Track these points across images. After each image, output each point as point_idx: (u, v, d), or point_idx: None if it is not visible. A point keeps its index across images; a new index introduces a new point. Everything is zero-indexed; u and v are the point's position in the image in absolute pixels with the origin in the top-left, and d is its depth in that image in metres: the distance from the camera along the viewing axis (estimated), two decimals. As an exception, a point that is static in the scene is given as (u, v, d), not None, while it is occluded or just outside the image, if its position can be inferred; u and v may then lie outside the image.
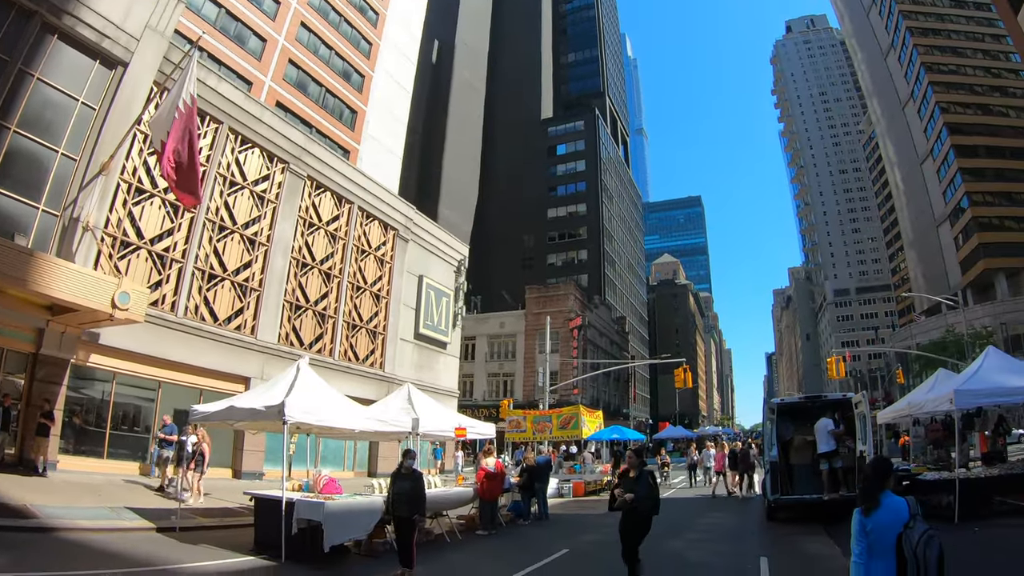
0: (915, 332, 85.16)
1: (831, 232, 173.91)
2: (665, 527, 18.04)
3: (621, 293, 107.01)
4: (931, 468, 19.16)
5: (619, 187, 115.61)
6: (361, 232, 33.38)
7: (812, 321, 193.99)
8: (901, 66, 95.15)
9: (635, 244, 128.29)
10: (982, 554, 12.42)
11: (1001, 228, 78.03)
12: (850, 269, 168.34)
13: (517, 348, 70.90)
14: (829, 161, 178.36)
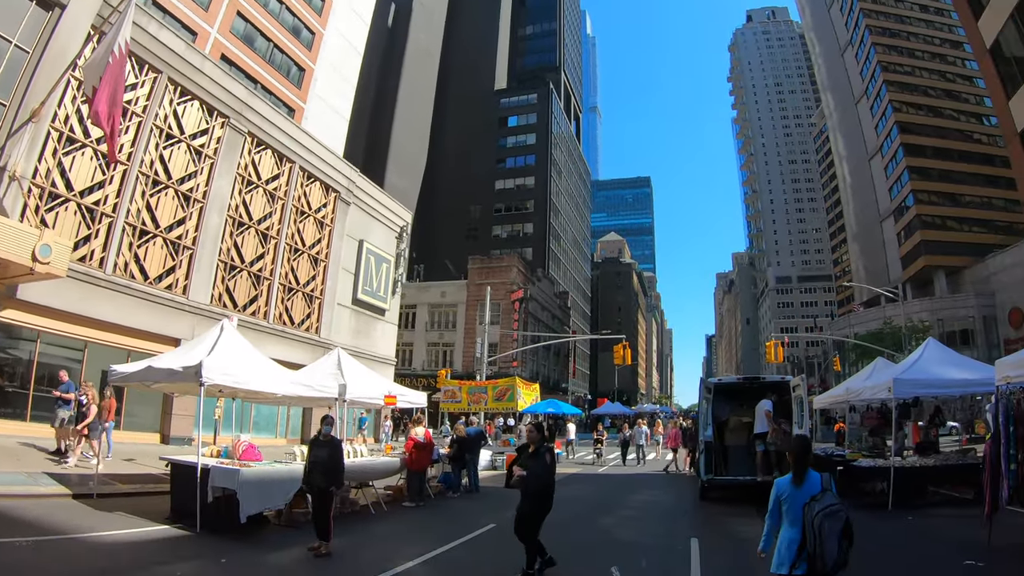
0: (853, 322, 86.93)
1: (776, 220, 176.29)
2: (596, 504, 17.95)
3: (565, 268, 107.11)
4: (866, 455, 19.22)
5: (569, 163, 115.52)
6: (301, 193, 32.52)
7: (753, 306, 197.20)
8: (858, 63, 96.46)
9: (582, 220, 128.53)
10: (916, 543, 12.53)
11: (943, 227, 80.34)
12: (793, 258, 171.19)
13: (458, 318, 70.52)
14: (779, 151, 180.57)
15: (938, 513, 15.66)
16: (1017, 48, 30.29)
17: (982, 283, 73.56)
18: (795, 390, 18.93)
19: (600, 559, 10.76)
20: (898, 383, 16.53)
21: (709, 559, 10.85)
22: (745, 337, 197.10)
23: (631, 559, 10.90)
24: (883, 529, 13.82)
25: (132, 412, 24.11)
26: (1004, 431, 10.90)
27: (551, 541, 11.87)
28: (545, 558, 9.67)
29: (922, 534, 13.29)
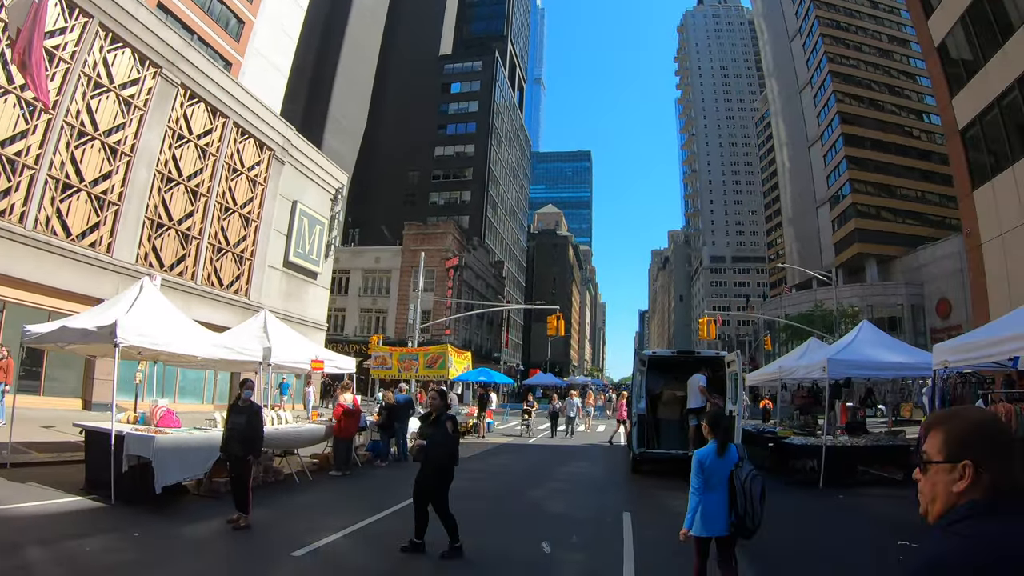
0: (785, 303, 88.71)
1: (714, 201, 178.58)
2: (527, 476, 17.83)
3: (501, 238, 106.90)
4: (797, 433, 19.42)
5: (510, 133, 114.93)
6: (235, 150, 31.54)
7: (687, 284, 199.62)
8: (805, 52, 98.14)
9: (520, 191, 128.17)
10: (851, 522, 12.62)
11: (877, 217, 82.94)
12: (728, 238, 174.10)
13: (392, 284, 69.84)
14: (720, 133, 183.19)
15: (868, 492, 15.89)
16: (963, 49, 31.58)
17: (912, 273, 75.89)
18: (730, 366, 18.77)
19: (530, 533, 10.53)
20: (832, 363, 16.77)
21: (642, 533, 10.72)
22: (678, 313, 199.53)
23: (562, 533, 10.70)
24: (816, 507, 14.02)
25: (53, 376, 23.35)
26: None
27: (480, 513, 11.67)
28: (455, 545, 9.27)
29: (855, 513, 13.43)
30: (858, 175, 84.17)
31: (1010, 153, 29.52)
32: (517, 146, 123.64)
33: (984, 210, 31.87)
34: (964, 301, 60.78)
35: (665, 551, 9.32)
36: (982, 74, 30.41)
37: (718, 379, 18.95)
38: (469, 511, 11.95)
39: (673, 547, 8.39)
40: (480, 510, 12.44)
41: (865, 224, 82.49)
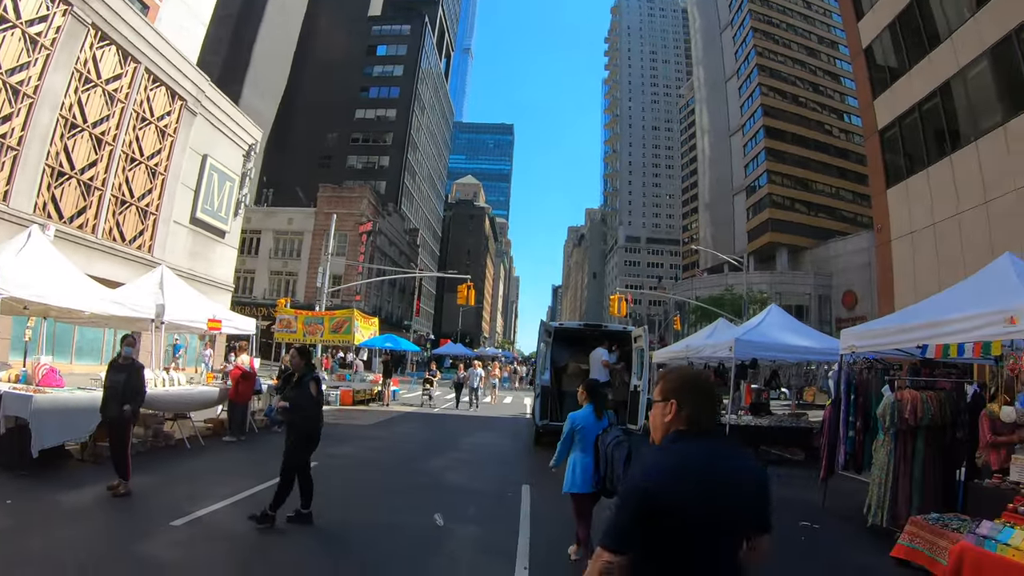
0: (696, 286, 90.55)
1: (633, 182, 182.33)
2: (427, 446, 17.52)
3: (418, 206, 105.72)
4: None
5: (434, 100, 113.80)
6: (145, 97, 30.01)
7: (601, 262, 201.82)
8: (734, 44, 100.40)
9: (440, 160, 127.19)
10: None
11: (791, 209, 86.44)
12: (644, 219, 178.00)
13: (303, 247, 68.37)
14: (644, 116, 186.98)
15: (770, 472, 15.95)
16: (889, 54, 32.96)
17: (821, 264, 78.93)
18: (636, 341, 18.86)
19: (425, 504, 10.20)
20: (740, 343, 16.97)
21: (539, 506, 10.57)
22: (591, 290, 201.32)
23: (458, 505, 10.49)
24: None
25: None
26: (845, 398, 11.33)
27: (376, 483, 11.31)
28: (303, 511, 8.74)
29: None
30: (776, 167, 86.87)
31: (926, 157, 30.74)
32: (440, 114, 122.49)
33: (896, 209, 33.13)
34: (870, 294, 63.38)
35: (561, 525, 9.07)
36: (906, 79, 31.55)
37: (625, 354, 19.00)
38: (365, 481, 11.62)
39: (570, 521, 8.28)
40: (376, 480, 12.20)
41: (779, 215, 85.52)
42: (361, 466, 13.15)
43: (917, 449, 9.80)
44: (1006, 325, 8.04)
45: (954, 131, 29.18)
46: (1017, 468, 8.19)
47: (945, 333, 9.20)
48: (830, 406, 12.07)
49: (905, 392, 9.87)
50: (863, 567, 8.51)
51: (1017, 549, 6.33)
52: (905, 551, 8.27)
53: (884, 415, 9.72)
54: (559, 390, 19.05)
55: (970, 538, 6.96)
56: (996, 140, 26.21)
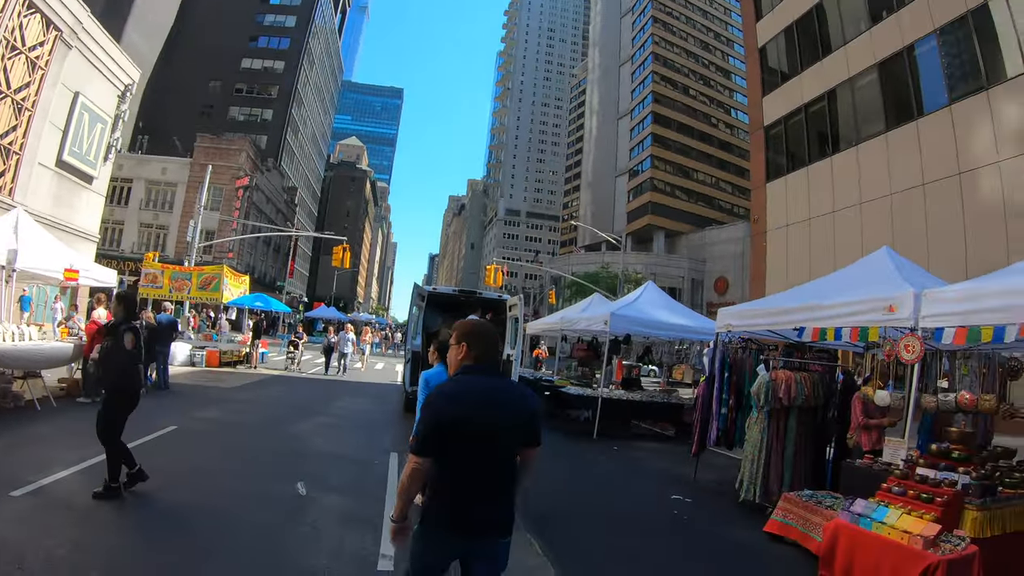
0: (573, 262, 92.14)
1: (517, 156, 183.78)
2: (293, 410, 16.80)
3: (299, 163, 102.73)
4: (574, 383, 19.54)
5: (324, 56, 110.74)
6: (17, 24, 27.80)
7: (480, 232, 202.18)
8: (633, 29, 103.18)
9: (325, 118, 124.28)
10: (627, 475, 12.82)
11: (671, 195, 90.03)
12: (526, 194, 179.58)
13: (177, 199, 64.20)
14: (535, 92, 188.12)
15: (642, 446, 16.35)
16: (782, 57, 34.78)
17: (696, 250, 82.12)
18: (511, 309, 18.69)
19: (289, 472, 9.62)
20: (615, 317, 17.18)
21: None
22: (468, 260, 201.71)
23: (324, 473, 10.05)
24: (590, 456, 14.12)
25: None
26: (719, 376, 11.47)
27: (238, 448, 10.77)
28: (134, 469, 7.85)
29: (631, 466, 13.65)
30: (660, 153, 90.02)
31: (808, 156, 32.47)
32: (329, 71, 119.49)
33: (774, 202, 34.58)
34: (740, 281, 66.69)
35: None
36: (796, 80, 33.20)
37: (499, 323, 18.52)
38: (228, 446, 11.08)
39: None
40: (239, 445, 11.62)
41: (659, 199, 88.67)
42: (224, 430, 12.51)
43: (789, 428, 10.01)
44: (885, 313, 8.33)
45: (837, 134, 30.89)
46: (890, 450, 8.39)
47: (824, 317, 9.41)
48: (704, 383, 12.24)
49: (780, 372, 10.04)
50: (737, 542, 8.53)
51: (892, 527, 6.41)
52: (778, 526, 8.39)
53: (759, 393, 9.82)
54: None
55: (844, 515, 7.06)
56: (877, 147, 27.97)
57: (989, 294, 7.37)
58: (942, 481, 7.08)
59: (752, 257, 38.31)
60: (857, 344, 10.72)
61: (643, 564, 7.29)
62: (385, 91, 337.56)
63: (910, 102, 26.79)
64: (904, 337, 7.97)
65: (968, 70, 24.54)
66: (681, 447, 16.06)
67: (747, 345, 11.81)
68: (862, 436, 9.52)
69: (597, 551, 7.58)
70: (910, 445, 8.26)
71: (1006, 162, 22.22)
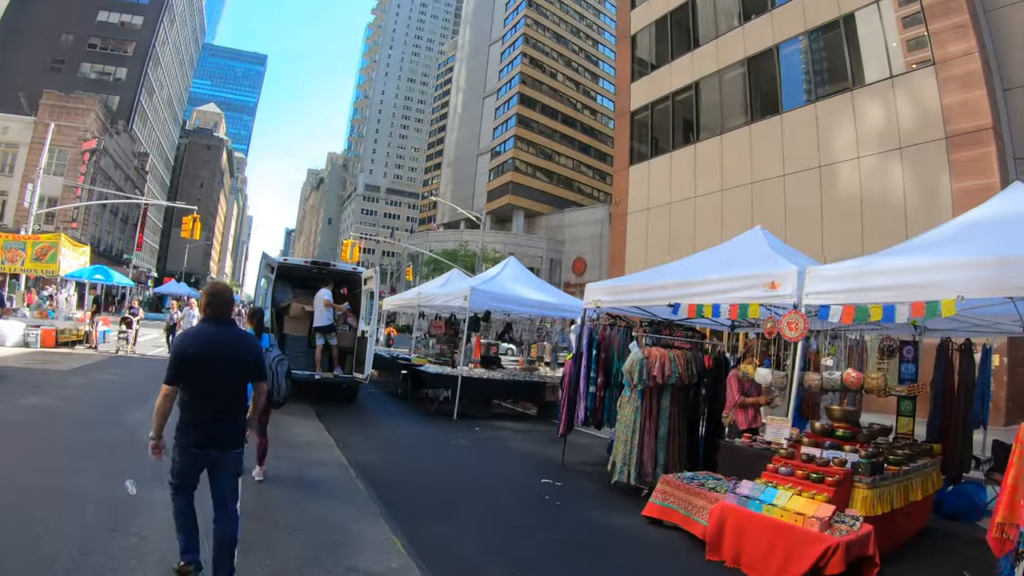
0: (432, 239, 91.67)
1: (380, 130, 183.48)
2: (131, 395, 15.00)
3: (152, 128, 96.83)
4: (432, 361, 18.92)
5: (186, 14, 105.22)
6: None
7: (338, 207, 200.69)
8: (506, 10, 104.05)
9: (183, 81, 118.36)
10: (493, 458, 12.32)
11: (533, 175, 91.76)
12: (387, 169, 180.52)
13: (18, 162, 58.26)
14: (402, 66, 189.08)
15: (505, 426, 15.90)
16: (653, 46, 35.96)
17: (555, 231, 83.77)
18: (366, 283, 17.98)
19: (117, 467, 7.93)
20: (475, 293, 16.72)
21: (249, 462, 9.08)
22: (324, 236, 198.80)
23: (157, 467, 8.32)
24: (452, 438, 13.46)
25: None
26: (587, 353, 11.13)
27: (62, 440, 9.63)
28: None
29: (495, 448, 13.17)
30: (523, 134, 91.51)
31: (672, 142, 33.61)
32: (190, 31, 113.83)
33: (636, 186, 35.51)
34: (598, 263, 68.59)
35: (275, 483, 8.36)
36: (666, 69, 34.29)
37: (354, 297, 17.96)
38: (50, 437, 9.73)
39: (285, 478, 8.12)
40: (63, 436, 10.13)
41: (520, 179, 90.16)
42: (48, 419, 11.10)
43: (663, 407, 9.78)
44: (767, 289, 8.23)
45: (702, 123, 32.11)
46: (772, 428, 8.24)
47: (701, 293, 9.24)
48: (570, 361, 11.86)
49: (653, 349, 9.81)
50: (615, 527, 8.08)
51: (784, 509, 6.26)
52: (658, 510, 8.09)
53: (631, 371, 9.48)
54: (281, 334, 17.28)
55: (731, 498, 6.90)
56: (741, 137, 29.19)
57: (874, 272, 7.37)
58: (830, 460, 6.98)
59: (612, 238, 38.92)
60: (736, 321, 10.77)
61: (515, 558, 6.69)
62: (248, 57, 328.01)
63: (776, 97, 27.98)
64: (787, 314, 7.86)
65: (835, 72, 26.02)
66: (544, 426, 15.82)
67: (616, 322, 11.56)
68: (738, 414, 9.43)
69: (466, 545, 7.00)
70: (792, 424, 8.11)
71: (865, 159, 23.72)
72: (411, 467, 10.61)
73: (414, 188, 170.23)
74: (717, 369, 10.48)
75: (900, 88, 23.05)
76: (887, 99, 23.39)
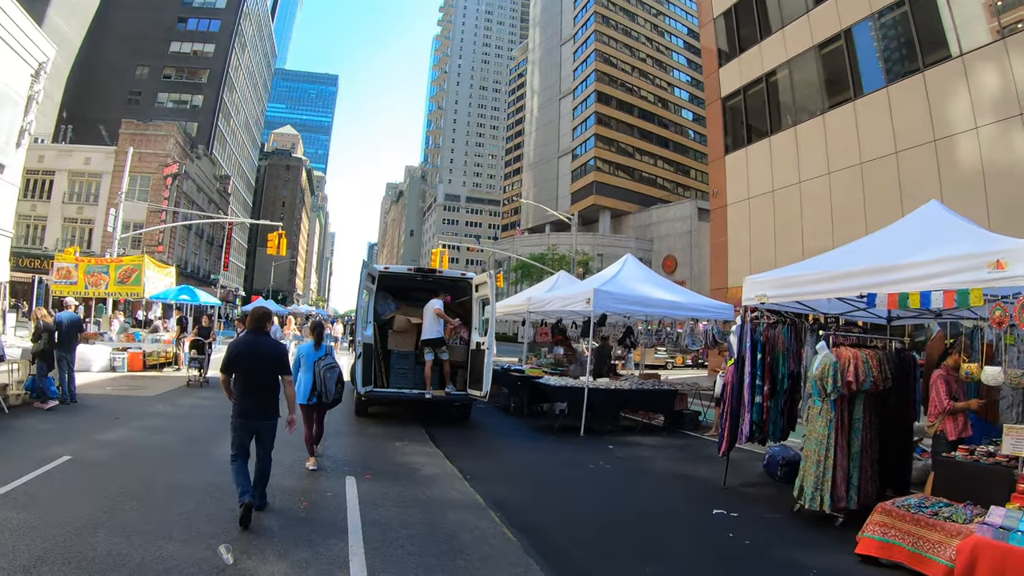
0: (517, 244, 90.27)
1: (456, 140, 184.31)
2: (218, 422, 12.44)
3: (231, 152, 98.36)
4: (548, 371, 17.12)
5: (257, 39, 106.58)
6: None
7: (419, 219, 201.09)
8: (575, 8, 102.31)
9: (258, 105, 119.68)
10: (641, 483, 10.63)
11: (615, 174, 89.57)
12: (465, 178, 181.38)
13: (102, 191, 59.47)
14: (473, 75, 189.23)
15: (638, 442, 14.24)
16: (742, 24, 33.96)
17: (642, 229, 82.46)
18: (478, 289, 16.11)
19: (207, 521, 6.79)
20: (599, 294, 14.91)
21: (372, 512, 7.62)
22: (407, 247, 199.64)
23: (257, 520, 6.96)
24: (586, 459, 11.90)
25: None
26: (751, 358, 9.66)
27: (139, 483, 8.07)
28: None
29: (641, 471, 11.44)
30: (604, 132, 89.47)
31: (769, 126, 31.58)
32: (262, 56, 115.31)
33: (735, 174, 33.71)
34: (689, 260, 67.99)
35: (406, 538, 6.69)
36: (756, 50, 32.41)
37: (462, 306, 16.41)
38: (130, 481, 8.21)
39: (416, 531, 6.60)
40: (144, 480, 8.43)
41: (604, 178, 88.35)
42: (130, 458, 9.70)
43: (855, 418, 8.22)
44: (990, 270, 6.58)
45: (801, 104, 30.09)
46: (1010, 440, 6.53)
47: (904, 279, 7.52)
48: (731, 368, 10.19)
49: (843, 350, 8.21)
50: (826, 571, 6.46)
51: None
52: (876, 546, 6.57)
53: (824, 378, 7.90)
54: (385, 349, 16.13)
55: (984, 530, 5.49)
56: (844, 116, 27.09)
57: None
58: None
59: (712, 232, 37.13)
60: (896, 312, 9.58)
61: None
62: (320, 78, 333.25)
63: (878, 70, 26.05)
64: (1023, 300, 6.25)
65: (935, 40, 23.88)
66: (680, 440, 14.46)
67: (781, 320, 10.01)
68: (947, 423, 7.82)
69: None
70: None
71: (984, 128, 21.68)
72: (556, 501, 9.05)
73: (494, 195, 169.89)
74: (901, 369, 8.88)
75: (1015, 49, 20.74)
76: (1002, 63, 21.08)
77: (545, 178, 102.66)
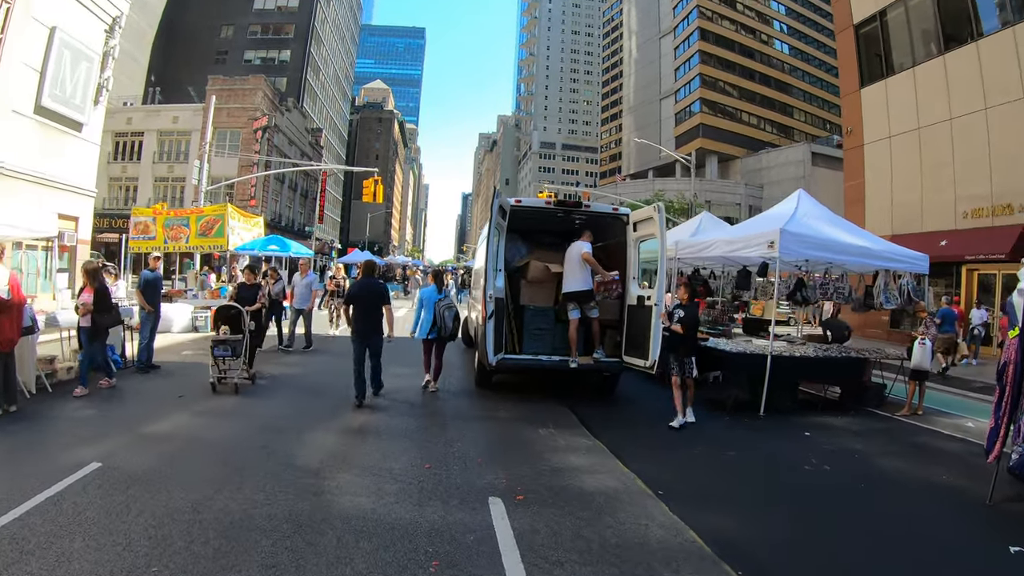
0: (620, 191, 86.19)
1: (549, 87, 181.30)
2: (308, 402, 11.07)
3: (322, 105, 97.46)
4: (709, 332, 13.92)
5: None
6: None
7: (514, 168, 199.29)
8: None
9: (347, 59, 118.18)
10: (862, 486, 7.89)
11: (721, 116, 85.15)
12: (560, 125, 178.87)
13: (191, 148, 57.90)
14: (564, 19, 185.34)
15: (832, 426, 11.29)
16: None
17: (751, 175, 78.31)
18: (637, 228, 12.53)
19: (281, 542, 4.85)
20: (786, 236, 11.76)
21: (533, 554, 5.22)
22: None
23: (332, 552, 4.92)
24: (777, 449, 9.46)
25: None
26: None
27: (186, 508, 5.73)
28: None
29: (866, 475, 8.37)
30: (708, 71, 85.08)
31: (913, 55, 28.32)
32: (348, 9, 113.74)
33: (872, 111, 30.58)
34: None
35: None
36: None
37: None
38: (175, 506, 5.80)
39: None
40: (194, 501, 6.00)
41: (710, 120, 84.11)
42: (177, 462, 7.18)
43: None
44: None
45: (950, 30, 26.51)
46: None
47: None
48: (1015, 339, 7.06)
49: None
50: None
51: None
52: None
53: None
54: (517, 305, 13.04)
55: None
56: (1003, 41, 23.62)
57: None
58: None
59: (846, 174, 33.62)
60: None
61: None
62: (407, 32, 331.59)
63: None
64: None
65: None
66: (879, 423, 11.73)
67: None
68: None
69: None
70: None
71: None
72: (803, 538, 6.15)
73: (590, 142, 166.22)
74: None
75: None
76: None
77: (646, 122, 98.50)
